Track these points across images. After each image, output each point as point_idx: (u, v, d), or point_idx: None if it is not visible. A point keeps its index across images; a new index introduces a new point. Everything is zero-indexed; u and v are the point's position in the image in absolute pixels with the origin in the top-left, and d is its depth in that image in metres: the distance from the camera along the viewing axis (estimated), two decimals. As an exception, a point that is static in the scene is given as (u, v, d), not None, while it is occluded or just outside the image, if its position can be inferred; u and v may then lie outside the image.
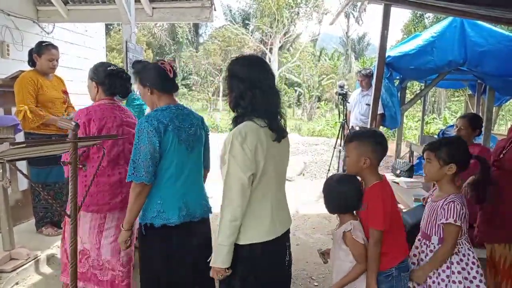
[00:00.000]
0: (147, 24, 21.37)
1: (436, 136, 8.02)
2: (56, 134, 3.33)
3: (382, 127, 5.60)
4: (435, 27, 4.54)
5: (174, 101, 2.03)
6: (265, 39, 23.24)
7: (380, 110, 4.43)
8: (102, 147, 2.03)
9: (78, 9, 5.36)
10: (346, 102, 5.69)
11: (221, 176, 1.61)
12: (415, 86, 13.98)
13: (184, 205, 1.92)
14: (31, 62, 3.44)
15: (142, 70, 2.00)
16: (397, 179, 4.41)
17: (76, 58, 5.67)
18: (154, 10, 5.28)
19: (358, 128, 5.13)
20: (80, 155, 2.14)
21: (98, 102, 2.37)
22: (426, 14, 20.09)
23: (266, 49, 22.60)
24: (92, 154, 2.28)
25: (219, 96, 22.77)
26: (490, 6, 2.92)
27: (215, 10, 5.44)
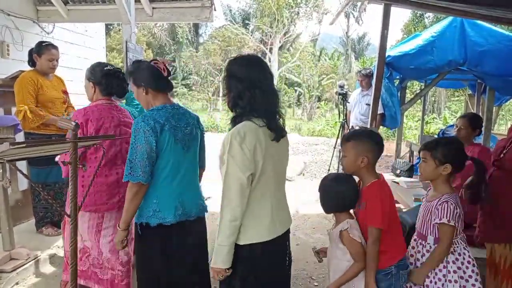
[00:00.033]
0: (147, 24, 21.36)
1: (436, 136, 8.01)
2: (56, 134, 3.33)
3: (382, 127, 5.60)
4: (435, 27, 4.54)
5: (170, 100, 2.02)
6: (265, 39, 23.22)
7: (380, 110, 4.43)
8: (102, 147, 2.03)
9: (78, 9, 5.36)
10: (346, 102, 5.69)
11: (220, 176, 1.60)
12: (415, 86, 13.97)
13: (180, 204, 1.92)
14: (31, 62, 3.44)
15: (135, 70, 1.99)
16: (397, 179, 4.41)
17: (76, 58, 5.67)
18: (154, 10, 5.28)
19: (358, 128, 5.13)
20: (80, 155, 2.14)
21: (96, 102, 2.37)
22: (426, 14, 20.09)
23: (266, 49, 22.59)
24: (89, 154, 2.27)
25: (219, 96, 22.75)
26: (491, 6, 2.91)
27: (215, 10, 5.43)
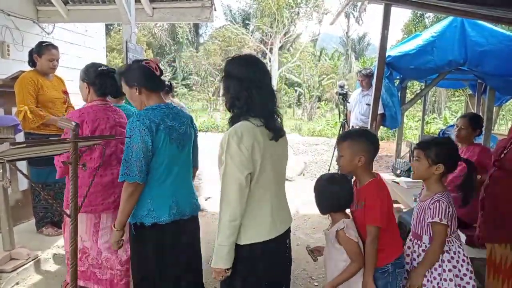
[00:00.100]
0: (147, 24, 21.35)
1: (436, 136, 7.99)
2: (56, 134, 3.33)
3: (382, 127, 5.60)
4: (435, 27, 4.53)
5: (163, 99, 2.02)
6: (265, 39, 23.20)
7: (380, 110, 4.42)
8: (103, 148, 2.03)
9: (78, 9, 5.36)
10: (346, 102, 5.69)
11: (219, 176, 1.60)
12: (415, 86, 13.96)
13: (174, 203, 1.92)
14: (31, 62, 3.44)
15: (126, 71, 1.99)
16: (397, 179, 4.41)
17: (76, 58, 5.67)
18: (154, 10, 5.28)
19: (358, 128, 5.13)
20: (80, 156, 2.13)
21: (91, 103, 2.37)
22: (426, 14, 20.09)
23: (266, 49, 22.57)
24: (84, 156, 2.26)
25: (219, 96, 22.72)
26: (492, 6, 2.91)
27: (215, 10, 5.45)
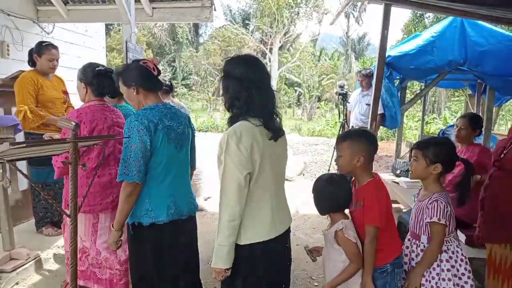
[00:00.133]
0: (147, 24, 21.35)
1: (434, 136, 7.99)
2: (56, 134, 3.33)
3: (382, 127, 5.60)
4: (435, 27, 4.53)
5: (161, 99, 2.02)
6: (265, 39, 23.20)
7: (380, 110, 4.43)
8: (102, 147, 2.03)
9: (78, 9, 5.36)
10: (346, 102, 5.69)
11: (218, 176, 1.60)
12: (415, 86, 13.97)
13: (172, 203, 1.92)
14: (31, 62, 3.44)
15: (124, 70, 1.99)
16: (397, 179, 4.41)
17: (76, 58, 5.67)
18: (154, 10, 5.28)
19: (358, 128, 5.13)
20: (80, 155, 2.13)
21: (88, 103, 2.37)
22: (426, 14, 20.10)
23: (266, 49, 22.57)
24: (82, 156, 2.26)
25: (219, 96, 22.59)
26: (491, 6, 2.91)
27: (215, 10, 5.44)
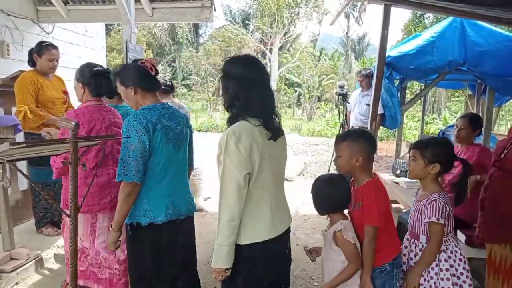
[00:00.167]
0: (147, 24, 21.35)
1: (432, 136, 8.00)
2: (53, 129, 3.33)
3: (382, 127, 5.60)
4: (435, 27, 4.53)
5: (158, 99, 2.02)
6: (265, 39, 23.21)
7: (380, 110, 4.43)
8: (102, 147, 2.03)
9: (78, 9, 5.36)
10: (346, 102, 5.69)
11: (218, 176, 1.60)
12: (415, 86, 13.98)
13: (171, 203, 1.93)
14: (31, 62, 3.44)
15: (121, 70, 1.99)
16: (397, 179, 4.41)
17: (76, 58, 5.67)
18: (154, 10, 5.28)
19: (357, 128, 5.13)
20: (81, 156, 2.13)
21: (86, 104, 2.37)
22: (426, 14, 20.12)
23: (266, 49, 22.58)
24: (81, 156, 2.26)
25: (219, 96, 22.67)
26: (491, 6, 2.91)
27: (215, 10, 5.44)
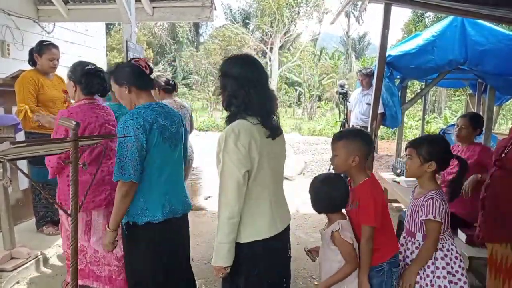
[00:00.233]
0: (148, 23, 21.35)
1: (428, 134, 8.00)
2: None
3: (382, 126, 5.60)
4: (436, 26, 4.53)
5: (153, 98, 2.02)
6: (265, 39, 23.21)
7: (380, 110, 4.42)
8: (103, 146, 2.03)
9: (78, 8, 5.37)
10: (346, 102, 5.69)
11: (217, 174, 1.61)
12: (416, 85, 13.95)
13: (167, 202, 1.93)
14: (32, 62, 3.44)
15: (116, 69, 1.99)
16: (397, 178, 4.41)
17: (76, 58, 5.62)
18: (154, 9, 5.29)
19: (358, 127, 5.13)
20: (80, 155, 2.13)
21: (79, 102, 2.37)
22: (427, 13, 20.08)
23: (267, 48, 22.57)
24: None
25: (216, 95, 22.61)
26: (494, 5, 2.89)
27: (215, 9, 5.44)
